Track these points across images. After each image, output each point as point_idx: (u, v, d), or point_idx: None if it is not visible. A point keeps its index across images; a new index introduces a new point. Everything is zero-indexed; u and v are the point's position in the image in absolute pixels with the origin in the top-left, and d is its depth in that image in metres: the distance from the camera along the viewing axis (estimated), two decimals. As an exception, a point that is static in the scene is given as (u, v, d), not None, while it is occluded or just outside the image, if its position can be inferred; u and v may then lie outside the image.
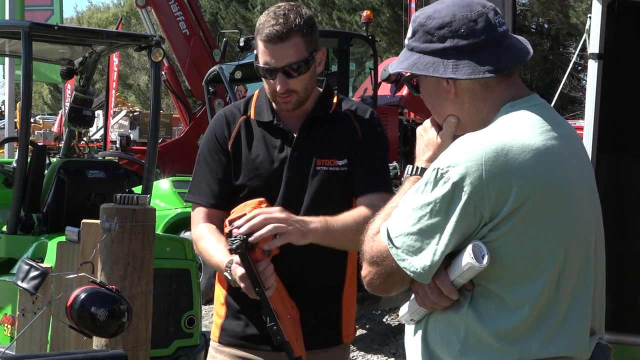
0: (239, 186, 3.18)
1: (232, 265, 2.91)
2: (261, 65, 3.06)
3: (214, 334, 3.29)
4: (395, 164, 12.31)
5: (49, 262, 4.71)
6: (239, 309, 3.22)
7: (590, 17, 4.60)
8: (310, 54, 3.07)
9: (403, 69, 2.34)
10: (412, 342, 2.36)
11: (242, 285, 2.86)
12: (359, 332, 8.44)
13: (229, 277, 2.94)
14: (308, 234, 2.92)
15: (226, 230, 2.98)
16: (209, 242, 3.10)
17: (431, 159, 2.33)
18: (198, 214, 3.21)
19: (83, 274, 2.97)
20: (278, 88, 3.06)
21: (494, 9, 2.30)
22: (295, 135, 3.17)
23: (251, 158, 3.17)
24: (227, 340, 3.24)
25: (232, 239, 2.82)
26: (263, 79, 3.12)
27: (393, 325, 8.49)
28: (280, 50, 3.02)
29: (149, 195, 4.19)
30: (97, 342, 3.09)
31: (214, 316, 3.35)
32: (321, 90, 3.24)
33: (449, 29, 2.26)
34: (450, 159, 2.16)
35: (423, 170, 2.36)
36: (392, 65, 2.39)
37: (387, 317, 8.70)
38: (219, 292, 3.30)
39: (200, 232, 3.16)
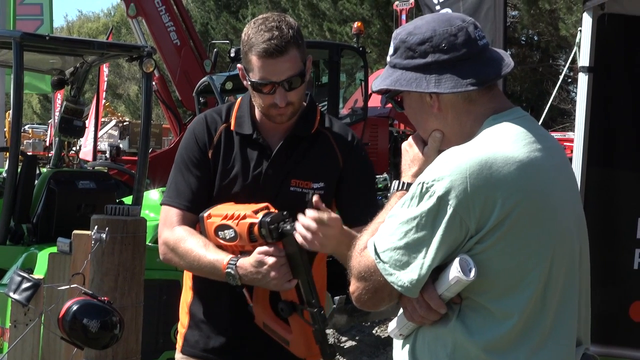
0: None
1: (240, 261, 2.86)
2: (258, 80, 2.97)
3: (178, 344, 3.22)
4: (386, 175, 12.33)
5: (39, 272, 4.69)
6: (201, 319, 3.15)
7: (580, 30, 4.61)
8: (304, 64, 3.02)
9: (386, 85, 2.35)
10: (400, 356, 2.36)
11: (273, 274, 2.81)
12: (349, 343, 8.43)
13: (232, 273, 2.86)
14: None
15: (222, 222, 2.91)
16: (193, 243, 2.99)
17: (417, 174, 2.33)
18: (172, 217, 3.08)
19: (75, 285, 2.98)
20: (279, 102, 2.98)
21: (474, 23, 2.32)
22: (273, 151, 3.09)
23: (227, 169, 3.09)
24: (189, 352, 3.16)
25: (279, 223, 2.81)
26: (257, 93, 3.02)
27: (383, 337, 8.47)
28: (280, 64, 2.94)
29: (139, 207, 4.19)
30: (88, 354, 3.10)
31: (178, 325, 3.25)
32: (304, 104, 3.16)
33: (430, 44, 2.28)
34: (435, 173, 2.17)
35: (409, 185, 2.36)
36: (376, 82, 2.39)
37: (377, 328, 8.69)
38: (184, 301, 3.23)
39: (179, 234, 3.04)
